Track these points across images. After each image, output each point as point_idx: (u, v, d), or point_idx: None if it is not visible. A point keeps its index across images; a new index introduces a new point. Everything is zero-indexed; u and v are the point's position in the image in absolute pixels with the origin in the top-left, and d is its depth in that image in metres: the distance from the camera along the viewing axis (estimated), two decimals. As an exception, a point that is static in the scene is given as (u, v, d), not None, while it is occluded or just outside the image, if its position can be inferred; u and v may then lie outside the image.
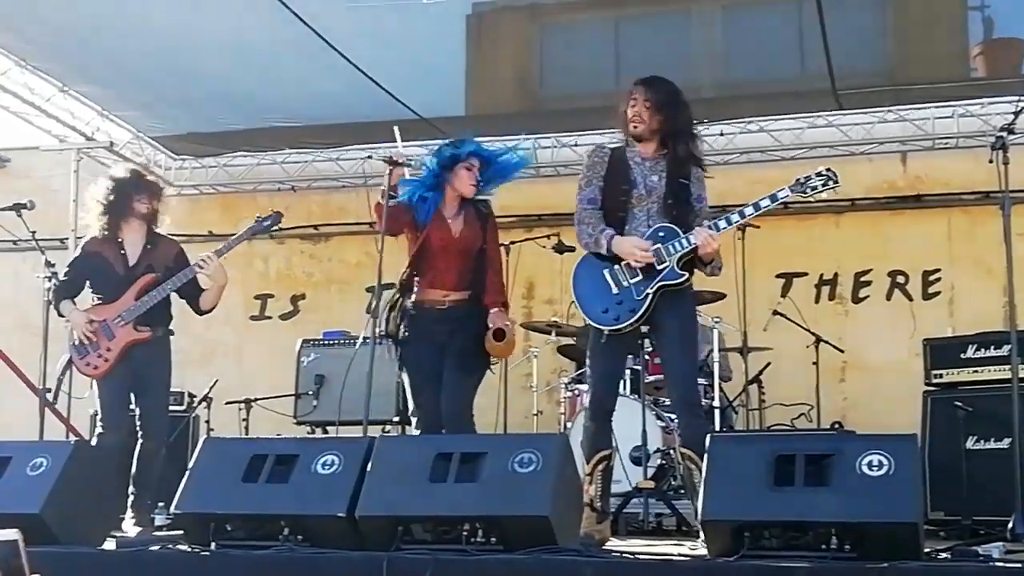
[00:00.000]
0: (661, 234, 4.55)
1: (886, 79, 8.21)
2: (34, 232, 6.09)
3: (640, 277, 4.53)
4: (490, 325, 4.97)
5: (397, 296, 5.12)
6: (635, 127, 4.64)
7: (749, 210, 4.60)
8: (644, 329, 4.69)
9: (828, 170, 4.69)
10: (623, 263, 4.58)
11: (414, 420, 5.10)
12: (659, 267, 4.52)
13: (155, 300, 5.38)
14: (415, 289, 5.06)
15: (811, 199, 4.76)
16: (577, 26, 8.15)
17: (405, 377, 5.11)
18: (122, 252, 5.47)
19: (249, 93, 8.18)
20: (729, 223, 4.57)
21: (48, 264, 5.75)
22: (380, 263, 4.95)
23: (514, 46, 8.25)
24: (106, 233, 5.48)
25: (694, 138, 4.74)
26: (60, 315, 5.55)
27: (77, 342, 5.40)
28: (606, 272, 4.59)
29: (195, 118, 8.73)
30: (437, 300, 5.06)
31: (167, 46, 7.54)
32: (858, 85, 8.05)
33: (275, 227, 5.85)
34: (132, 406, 5.45)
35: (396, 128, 5.43)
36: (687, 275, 4.58)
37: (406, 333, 5.05)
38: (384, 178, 5.12)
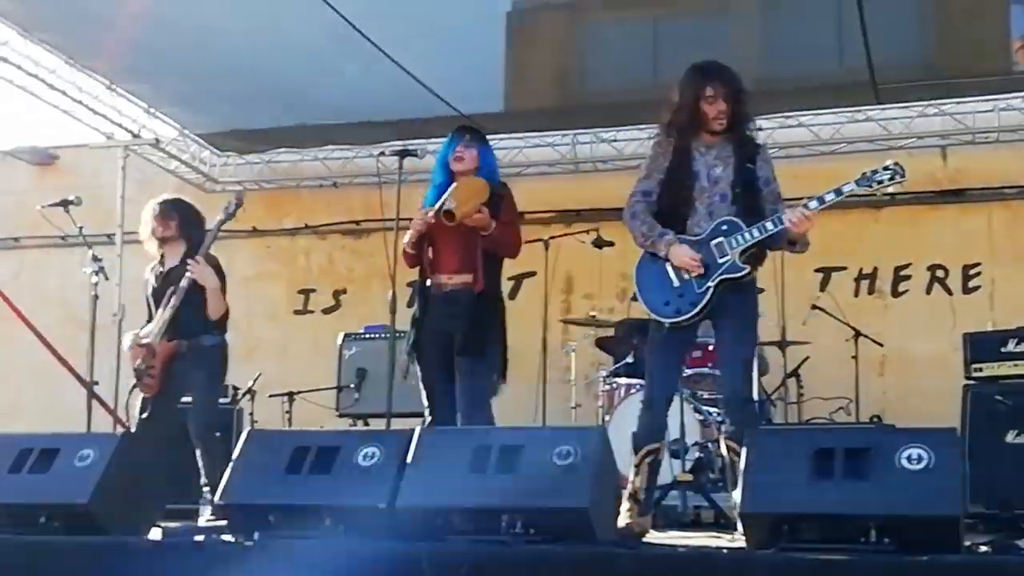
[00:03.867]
0: (724, 227, 4.52)
1: (926, 73, 8.16)
2: (81, 227, 6.20)
3: (702, 270, 4.51)
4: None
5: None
6: (721, 125, 4.57)
7: (830, 196, 4.54)
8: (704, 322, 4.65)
9: (896, 164, 4.60)
10: None
11: (426, 412, 5.11)
12: (721, 260, 4.49)
13: (172, 310, 5.57)
14: (426, 275, 5.10)
15: (876, 192, 4.69)
16: (615, 22, 8.16)
17: (417, 369, 5.12)
18: (161, 271, 5.75)
19: (292, 90, 8.26)
20: (822, 202, 4.50)
21: (95, 259, 5.90)
22: (394, 274, 4.99)
23: (553, 43, 8.28)
24: (156, 258, 5.80)
25: (753, 119, 4.73)
26: None
27: (135, 368, 5.65)
28: (668, 265, 4.56)
29: (239, 115, 8.83)
30: (441, 283, 5.06)
31: (212, 43, 7.64)
32: (898, 79, 8.00)
33: (239, 207, 5.94)
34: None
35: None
36: (749, 268, 4.53)
37: (419, 320, 5.07)
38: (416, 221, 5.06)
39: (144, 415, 5.61)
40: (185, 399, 5.78)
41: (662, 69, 7.95)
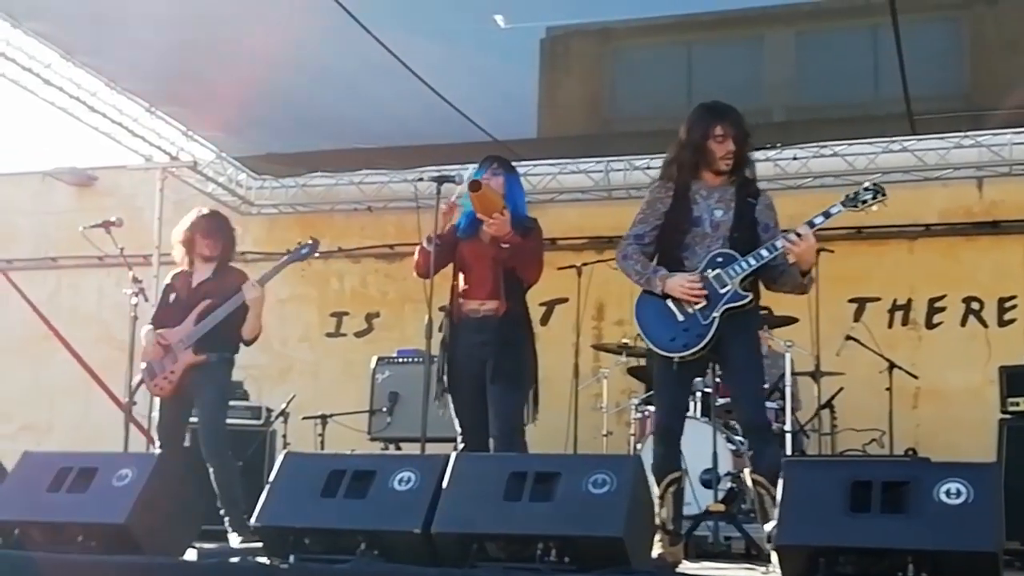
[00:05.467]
0: (719, 259, 4.56)
1: (962, 104, 8.14)
2: (122, 248, 6.26)
3: (704, 303, 4.53)
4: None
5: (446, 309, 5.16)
6: (728, 165, 4.61)
7: (819, 219, 4.58)
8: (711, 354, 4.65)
9: (875, 184, 4.70)
10: None
11: (458, 438, 5.11)
12: (722, 290, 4.52)
13: (210, 325, 5.66)
14: (458, 301, 5.11)
15: (863, 212, 4.72)
16: (649, 50, 8.18)
17: (449, 399, 5.11)
18: (189, 280, 5.82)
19: (328, 115, 8.33)
20: (812, 225, 4.53)
21: (135, 280, 5.99)
22: (430, 298, 4.98)
23: (587, 70, 8.30)
24: (183, 267, 5.87)
25: (752, 163, 4.76)
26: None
27: (146, 364, 5.72)
28: (669, 301, 4.59)
29: (275, 138, 8.91)
30: (473, 309, 5.07)
31: (250, 68, 7.71)
32: (933, 110, 7.98)
33: (313, 254, 6.02)
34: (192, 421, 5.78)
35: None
36: (750, 294, 4.58)
37: (450, 346, 5.08)
38: (435, 217, 5.07)
39: (164, 420, 5.69)
40: (192, 419, 5.83)
41: (696, 96, 7.91)
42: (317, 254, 6.09)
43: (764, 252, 4.52)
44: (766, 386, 6.63)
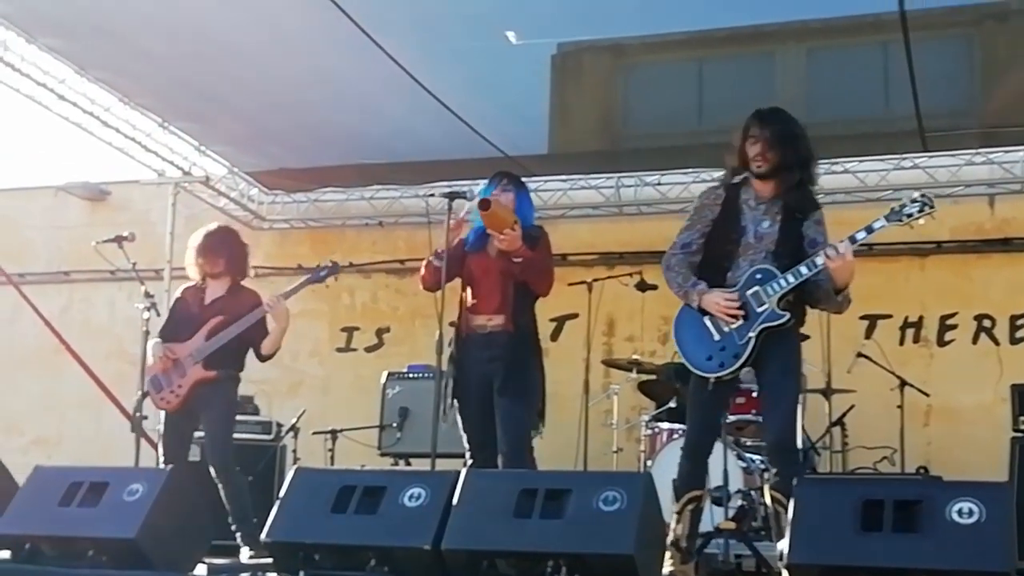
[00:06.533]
0: (758, 276, 4.47)
1: (973, 121, 8.13)
2: (135, 263, 6.28)
3: (741, 322, 4.45)
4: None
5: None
6: (759, 167, 4.53)
7: (861, 234, 4.46)
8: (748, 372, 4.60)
9: (923, 195, 4.56)
10: None
11: (467, 454, 5.11)
12: (759, 309, 4.44)
13: (223, 341, 5.68)
14: (466, 316, 5.11)
15: (910, 225, 4.58)
16: (660, 66, 8.20)
17: (457, 415, 5.11)
18: (202, 296, 5.84)
19: (340, 130, 8.35)
20: (854, 240, 4.41)
21: (147, 295, 6.01)
22: (441, 313, 4.97)
23: (598, 86, 8.31)
24: (195, 282, 5.90)
25: (812, 174, 4.62)
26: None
27: (152, 376, 5.74)
28: (706, 319, 4.52)
29: (287, 154, 8.93)
30: (480, 324, 5.07)
31: (262, 83, 7.76)
32: (945, 127, 7.97)
33: (332, 276, 6.07)
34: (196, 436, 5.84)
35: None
36: (788, 315, 4.46)
37: (458, 361, 5.07)
38: (445, 233, 5.09)
39: (170, 435, 5.70)
40: (198, 432, 5.84)
41: (707, 112, 7.99)
42: (335, 278, 6.10)
43: (803, 269, 4.42)
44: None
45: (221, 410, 5.72)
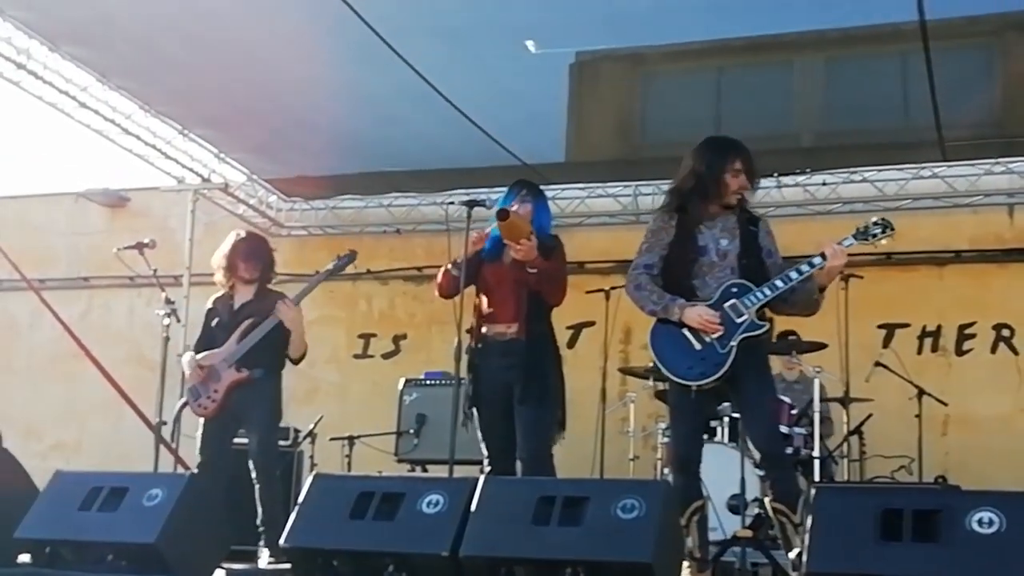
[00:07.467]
0: (734, 290, 4.59)
1: (993, 130, 8.11)
2: (155, 270, 6.32)
3: (721, 332, 4.55)
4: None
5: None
6: (738, 198, 4.69)
7: (848, 241, 4.65)
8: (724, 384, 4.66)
9: (882, 220, 4.73)
10: None
11: (485, 461, 5.12)
12: (739, 320, 4.54)
13: (252, 342, 5.71)
14: (482, 325, 5.13)
15: (874, 245, 4.76)
16: (679, 75, 8.21)
17: (476, 419, 5.13)
18: (231, 303, 5.87)
19: (359, 138, 8.40)
20: (843, 245, 4.59)
21: (168, 302, 6.04)
22: (459, 321, 5.01)
23: (616, 94, 8.33)
24: (224, 291, 5.93)
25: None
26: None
27: (191, 386, 5.75)
28: (685, 331, 4.60)
29: (306, 161, 8.98)
30: (499, 333, 5.09)
31: (281, 91, 7.81)
32: (964, 136, 7.96)
33: (350, 263, 6.09)
34: (238, 442, 5.80)
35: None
36: (767, 324, 4.62)
37: (476, 369, 5.09)
38: (467, 236, 5.11)
39: (208, 439, 5.70)
40: (240, 440, 5.85)
41: (726, 121, 7.97)
42: (354, 266, 6.12)
43: (779, 283, 4.56)
44: (794, 412, 6.62)
45: (264, 412, 5.75)
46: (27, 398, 10.09)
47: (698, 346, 4.57)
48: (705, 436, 5.57)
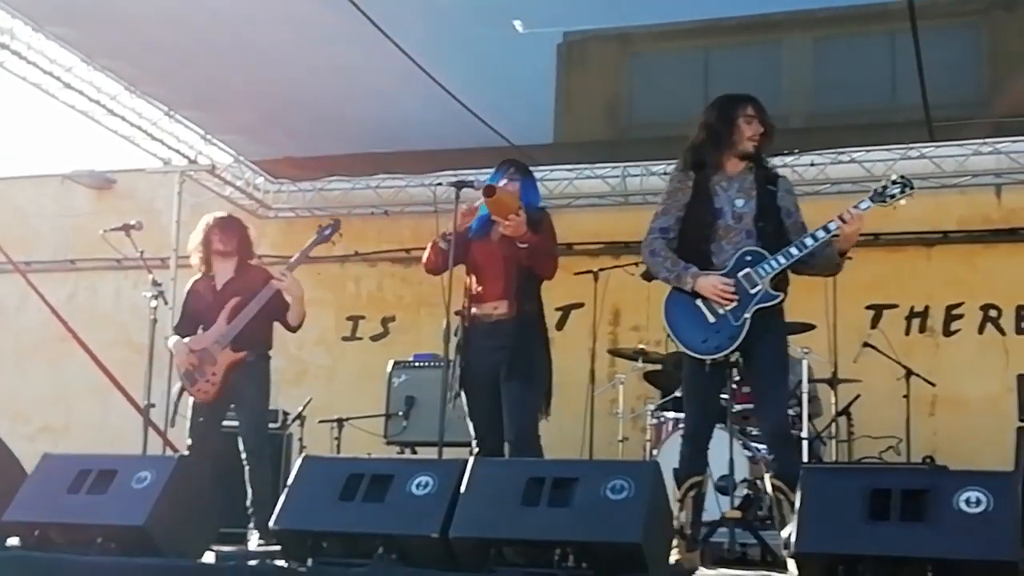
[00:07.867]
0: (748, 258, 4.51)
1: (981, 110, 8.12)
2: (142, 252, 6.29)
3: (735, 303, 4.49)
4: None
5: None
6: (753, 145, 4.59)
7: (865, 204, 4.54)
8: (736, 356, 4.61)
9: (902, 177, 4.62)
10: None
11: (473, 442, 5.12)
12: (753, 291, 4.48)
13: (245, 320, 5.67)
14: (471, 304, 5.12)
15: (893, 206, 4.62)
16: (667, 55, 8.20)
17: (464, 400, 5.12)
18: (212, 283, 5.83)
19: (346, 119, 8.36)
20: (860, 208, 4.49)
21: (155, 283, 6.02)
22: (448, 302, 4.97)
23: (604, 75, 8.31)
24: (202, 272, 5.89)
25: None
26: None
27: (184, 371, 5.71)
28: (699, 302, 4.54)
29: (293, 142, 8.94)
30: (486, 313, 5.08)
31: (267, 72, 7.76)
32: (952, 117, 7.96)
33: (335, 233, 6.05)
34: (227, 424, 5.79)
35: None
36: (782, 294, 4.53)
37: (464, 350, 5.07)
38: (455, 217, 5.08)
39: (199, 421, 5.68)
40: (230, 423, 5.84)
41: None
42: (342, 248, 6.09)
43: (793, 251, 4.47)
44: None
45: (255, 394, 5.74)
46: (15, 381, 10.06)
47: (712, 318, 4.52)
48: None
